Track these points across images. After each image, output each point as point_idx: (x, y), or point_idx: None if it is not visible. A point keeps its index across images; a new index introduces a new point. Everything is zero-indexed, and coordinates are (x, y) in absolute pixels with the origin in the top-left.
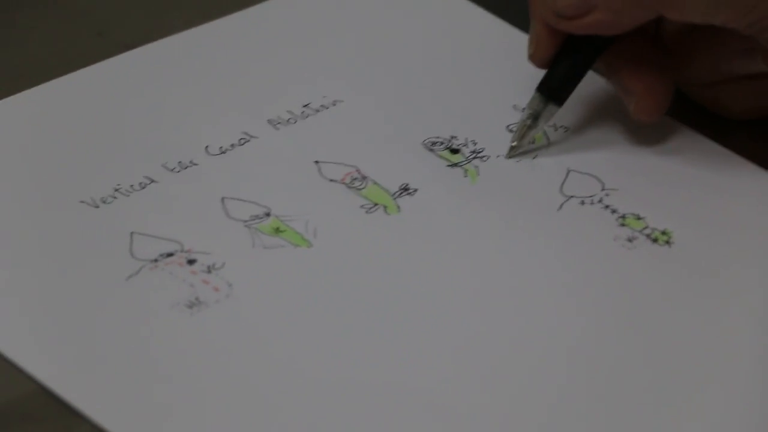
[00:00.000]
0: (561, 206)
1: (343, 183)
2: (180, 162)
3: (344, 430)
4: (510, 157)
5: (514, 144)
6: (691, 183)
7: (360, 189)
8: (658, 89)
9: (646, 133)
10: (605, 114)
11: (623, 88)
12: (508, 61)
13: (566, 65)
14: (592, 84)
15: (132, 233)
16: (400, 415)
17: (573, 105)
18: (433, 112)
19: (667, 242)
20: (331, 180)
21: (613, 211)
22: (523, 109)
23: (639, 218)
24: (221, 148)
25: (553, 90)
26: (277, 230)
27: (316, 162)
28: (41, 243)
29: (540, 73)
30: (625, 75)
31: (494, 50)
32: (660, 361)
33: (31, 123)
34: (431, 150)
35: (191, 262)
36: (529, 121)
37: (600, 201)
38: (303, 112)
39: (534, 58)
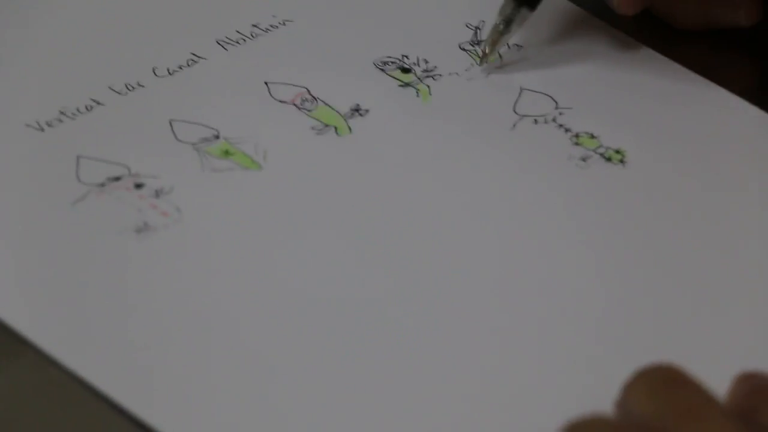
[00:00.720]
0: (514, 125)
1: (294, 104)
2: (127, 84)
3: (288, 355)
4: (482, 64)
5: (487, 51)
6: (646, 100)
7: (310, 110)
8: None
9: (600, 51)
10: (560, 32)
11: None
12: None
13: None
14: (548, 2)
15: (78, 157)
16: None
17: (528, 22)
18: (385, 32)
19: (621, 161)
20: (281, 101)
21: (567, 130)
22: (476, 27)
23: (593, 137)
24: (169, 69)
25: None
26: (227, 153)
27: (266, 83)
28: None
29: None
30: None
31: None
32: (613, 281)
33: None
34: (382, 70)
35: (139, 186)
36: (501, 27)
37: (554, 120)
38: (252, 33)
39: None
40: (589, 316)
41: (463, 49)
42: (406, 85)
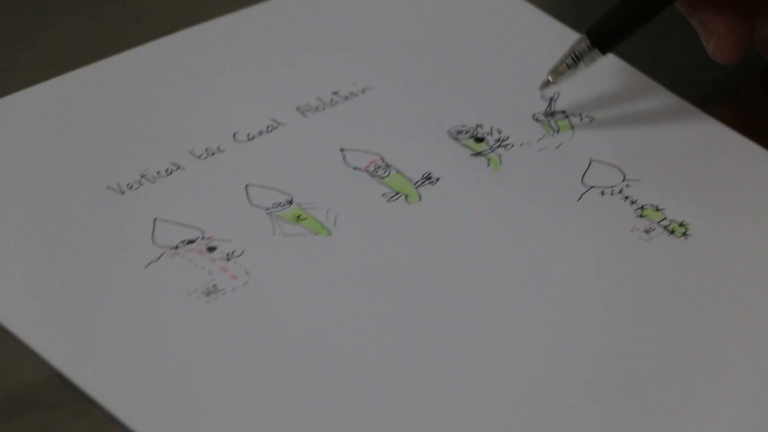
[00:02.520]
0: (581, 197)
1: (367, 171)
2: (207, 148)
3: (360, 422)
4: (542, 89)
5: (550, 79)
6: (714, 175)
7: (383, 177)
8: (738, 31)
9: (671, 124)
10: (632, 104)
11: (704, 27)
12: (538, 48)
13: (620, 16)
14: (621, 74)
15: (155, 219)
16: (416, 406)
17: (600, 94)
18: (461, 101)
19: (684, 234)
20: (355, 168)
21: (633, 202)
22: (551, 98)
23: (658, 209)
24: (249, 134)
25: (602, 36)
26: (298, 218)
27: (342, 150)
28: (65, 229)
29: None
30: (707, 13)
31: (524, 38)
32: (674, 355)
33: (64, 108)
34: (456, 139)
35: (211, 249)
36: (569, 60)
37: (620, 192)
38: (332, 100)
39: None
40: (649, 386)
41: (537, 120)
42: (478, 154)
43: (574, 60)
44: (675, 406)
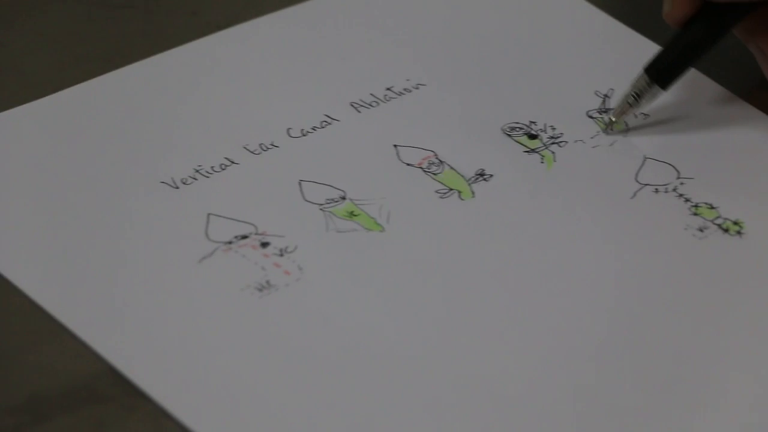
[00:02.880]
0: (635, 194)
1: (420, 167)
2: (261, 144)
3: (412, 416)
4: (607, 133)
5: (614, 120)
6: None
7: (436, 174)
8: None
9: (726, 122)
10: (687, 102)
11: (761, 53)
12: (593, 46)
13: (677, 52)
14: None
15: (209, 215)
16: (471, 400)
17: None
18: (515, 97)
19: (739, 232)
20: (408, 164)
21: (687, 200)
22: (605, 95)
23: (712, 208)
24: (303, 130)
25: (661, 72)
26: (352, 214)
27: (395, 146)
28: (119, 224)
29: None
30: (763, 40)
31: (579, 35)
32: (728, 353)
33: (120, 103)
34: (509, 135)
35: (264, 245)
36: (631, 99)
37: (674, 189)
38: (385, 96)
39: (668, 16)
40: (701, 383)
41: (591, 117)
42: (532, 151)
43: (635, 98)
44: (727, 402)
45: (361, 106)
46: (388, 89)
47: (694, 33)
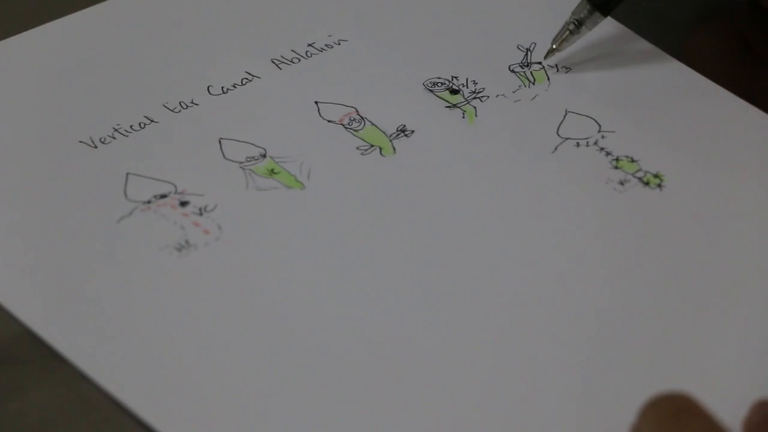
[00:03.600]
0: (556, 148)
1: (341, 124)
2: (181, 102)
3: (332, 377)
4: (546, 59)
5: (554, 47)
6: (690, 126)
7: (357, 130)
8: None
9: (648, 76)
10: (609, 55)
11: None
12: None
13: None
14: (601, 26)
15: (128, 174)
16: (386, 361)
17: (577, 44)
18: (437, 53)
19: (659, 185)
20: (329, 121)
21: (608, 154)
22: (527, 49)
23: (633, 161)
24: (223, 88)
25: None
26: (272, 172)
27: (316, 102)
28: (36, 184)
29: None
30: None
31: None
32: (649, 305)
33: (36, 62)
34: (431, 90)
35: (184, 204)
36: (572, 26)
37: (596, 143)
38: (307, 52)
39: None
40: (619, 339)
41: (513, 71)
42: (453, 106)
43: (576, 26)
44: (651, 356)
45: (282, 62)
46: (309, 45)
47: None
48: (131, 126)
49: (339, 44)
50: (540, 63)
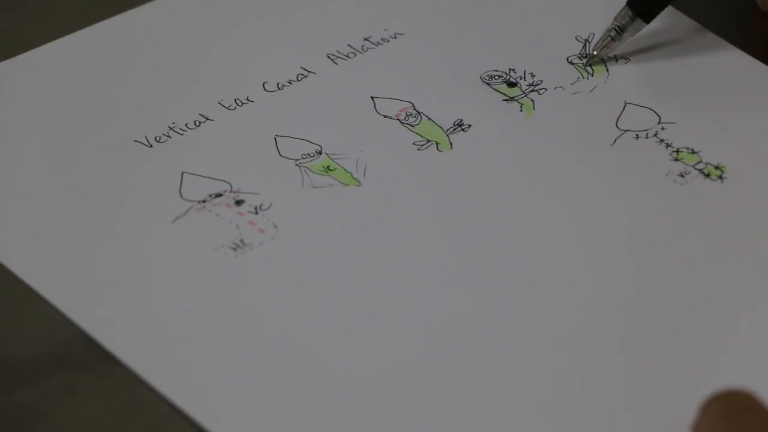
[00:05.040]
0: (615, 141)
1: (398, 119)
2: (236, 99)
3: (390, 374)
4: (587, 65)
5: (594, 53)
6: (751, 117)
7: (414, 125)
8: None
9: (709, 64)
10: (669, 45)
11: None
12: None
13: None
14: (660, 16)
15: (183, 173)
16: (451, 356)
17: (637, 36)
18: (494, 45)
19: (720, 177)
20: (386, 116)
21: (668, 146)
22: (586, 40)
23: (693, 152)
24: (279, 84)
25: (644, 5)
26: (328, 168)
27: (372, 98)
28: (92, 185)
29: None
30: None
31: None
32: (713, 299)
33: (90, 62)
34: (488, 84)
35: (239, 203)
36: (613, 33)
37: (655, 135)
38: (363, 46)
39: None
40: (683, 335)
41: (571, 63)
42: (511, 99)
43: (618, 32)
44: (713, 350)
45: (338, 57)
46: (365, 39)
47: None
48: (186, 124)
49: (395, 38)
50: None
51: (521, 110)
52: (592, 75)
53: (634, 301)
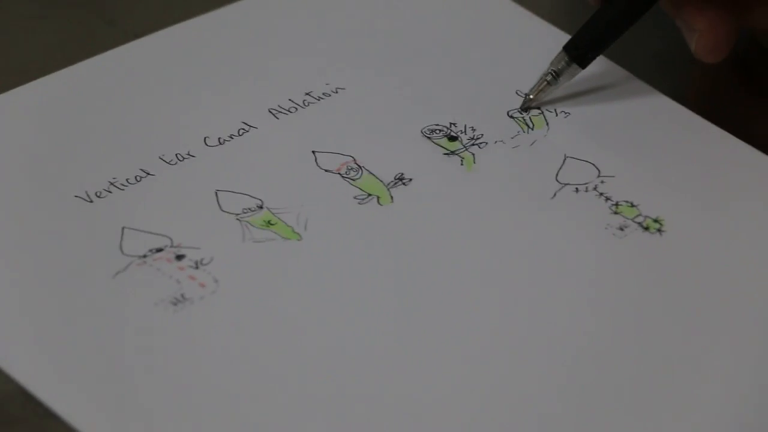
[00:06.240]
0: (555, 194)
1: (339, 173)
2: (177, 154)
3: (333, 425)
4: (523, 110)
5: (531, 97)
6: (690, 169)
7: (354, 179)
8: (721, 28)
9: (647, 118)
10: (608, 98)
11: (686, 25)
12: (514, 45)
13: (597, 29)
14: (597, 67)
15: (123, 228)
16: (389, 411)
17: (576, 89)
18: (435, 99)
19: (659, 230)
20: (327, 170)
21: (607, 199)
22: (526, 95)
23: (632, 206)
24: (220, 138)
25: (580, 51)
26: (269, 223)
27: (313, 152)
28: (31, 239)
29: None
30: (688, 11)
31: (496, 32)
32: (650, 351)
33: (35, 114)
34: (429, 138)
35: (180, 257)
36: (549, 77)
37: (595, 188)
38: (304, 101)
39: None
40: (620, 387)
41: (512, 117)
42: (452, 153)
43: (554, 77)
44: (650, 402)
45: (280, 112)
46: (307, 94)
47: (614, 9)
48: (127, 179)
49: (336, 92)
50: (539, 108)
51: (462, 164)
52: (533, 129)
53: (573, 356)
